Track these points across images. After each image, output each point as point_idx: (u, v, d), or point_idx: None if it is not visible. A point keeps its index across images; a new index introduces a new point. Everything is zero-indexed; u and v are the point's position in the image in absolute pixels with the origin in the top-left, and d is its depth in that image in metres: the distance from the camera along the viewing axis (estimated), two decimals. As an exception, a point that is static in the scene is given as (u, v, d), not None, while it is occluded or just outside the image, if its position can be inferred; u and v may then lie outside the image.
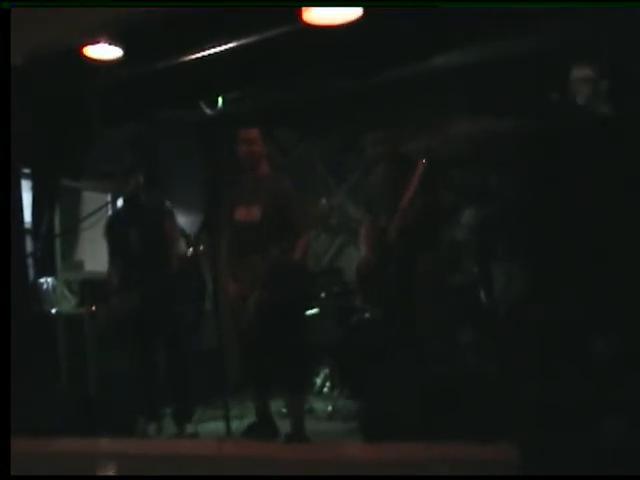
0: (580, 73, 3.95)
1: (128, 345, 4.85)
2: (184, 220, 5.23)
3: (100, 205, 5.72)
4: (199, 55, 4.79)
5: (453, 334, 4.50)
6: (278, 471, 2.20)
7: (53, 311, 5.48)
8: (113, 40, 4.40)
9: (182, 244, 4.77)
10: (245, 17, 4.36)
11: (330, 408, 5.06)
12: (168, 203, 4.88)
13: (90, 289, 5.60)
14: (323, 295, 5.89)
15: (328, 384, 5.53)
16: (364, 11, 4.06)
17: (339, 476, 2.05)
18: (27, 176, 5.81)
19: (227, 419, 4.02)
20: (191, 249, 4.41)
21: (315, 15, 4.11)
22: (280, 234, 4.07)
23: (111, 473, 2.32)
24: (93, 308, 5.39)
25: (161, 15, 4.02)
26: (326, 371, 5.57)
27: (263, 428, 4.26)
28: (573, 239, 3.57)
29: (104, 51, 4.49)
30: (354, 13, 4.11)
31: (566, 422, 2.55)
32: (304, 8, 3.97)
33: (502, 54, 5.34)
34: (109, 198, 6.96)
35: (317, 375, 5.64)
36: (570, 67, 4.07)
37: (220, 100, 6.00)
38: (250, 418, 4.50)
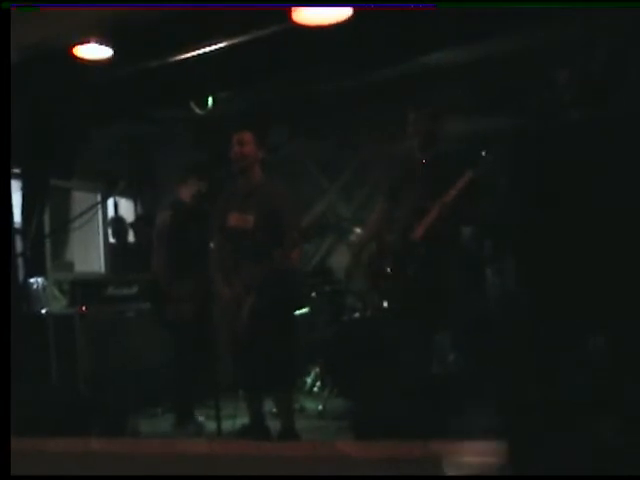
0: (569, 73, 3.95)
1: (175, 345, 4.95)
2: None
3: (90, 205, 5.72)
4: (189, 55, 4.78)
5: (447, 334, 4.51)
6: (268, 469, 2.20)
7: (43, 311, 5.46)
8: (104, 40, 4.39)
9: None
10: (235, 17, 4.36)
11: (320, 407, 5.07)
12: None
13: (81, 289, 5.58)
14: (314, 294, 5.90)
15: (319, 383, 5.55)
16: (354, 10, 4.06)
17: (330, 475, 2.06)
18: (17, 176, 5.80)
19: (218, 419, 4.03)
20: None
21: (305, 15, 4.11)
22: (273, 241, 4.06)
23: (101, 473, 2.32)
24: (84, 308, 5.39)
25: (151, 15, 4.01)
26: (317, 370, 5.59)
27: (256, 429, 4.27)
28: (568, 238, 3.60)
29: (95, 51, 4.48)
30: (344, 12, 4.12)
31: (558, 421, 2.57)
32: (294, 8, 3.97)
33: (495, 52, 5.36)
34: (99, 198, 6.96)
35: (308, 374, 5.65)
36: (560, 67, 4.09)
37: (210, 100, 6.01)
38: (242, 418, 4.51)
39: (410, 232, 4.06)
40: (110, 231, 7.17)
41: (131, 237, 7.41)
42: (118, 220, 7.17)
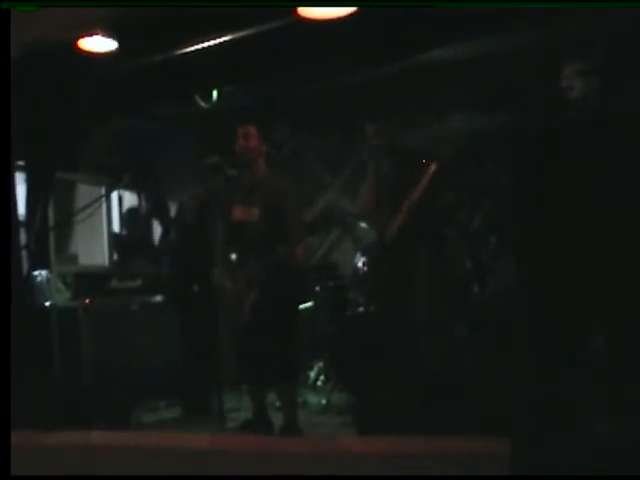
0: (574, 68, 3.94)
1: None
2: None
3: (95, 198, 5.72)
4: (193, 49, 4.77)
5: (449, 329, 4.51)
6: (271, 464, 2.20)
7: (47, 304, 5.47)
8: (108, 33, 4.38)
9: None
10: (240, 10, 4.35)
11: (324, 401, 5.07)
12: None
13: (85, 282, 5.58)
14: (317, 289, 5.90)
15: (322, 377, 5.55)
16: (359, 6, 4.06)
17: (332, 470, 2.06)
18: (21, 168, 5.80)
19: (221, 412, 4.04)
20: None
21: (310, 9, 4.11)
22: (278, 235, 4.05)
23: (102, 466, 2.32)
24: (88, 301, 5.39)
25: (156, 8, 4.00)
26: (320, 364, 5.59)
27: (258, 423, 4.27)
28: (569, 237, 3.58)
29: (99, 43, 4.47)
30: (349, 7, 4.11)
31: (560, 420, 2.56)
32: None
33: (498, 49, 5.34)
34: (103, 191, 6.96)
35: (311, 368, 5.65)
36: (566, 62, 4.07)
37: (215, 94, 6.00)
38: (246, 412, 4.52)
39: (385, 232, 4.17)
40: (120, 222, 7.16)
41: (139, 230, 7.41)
42: (131, 212, 7.14)
